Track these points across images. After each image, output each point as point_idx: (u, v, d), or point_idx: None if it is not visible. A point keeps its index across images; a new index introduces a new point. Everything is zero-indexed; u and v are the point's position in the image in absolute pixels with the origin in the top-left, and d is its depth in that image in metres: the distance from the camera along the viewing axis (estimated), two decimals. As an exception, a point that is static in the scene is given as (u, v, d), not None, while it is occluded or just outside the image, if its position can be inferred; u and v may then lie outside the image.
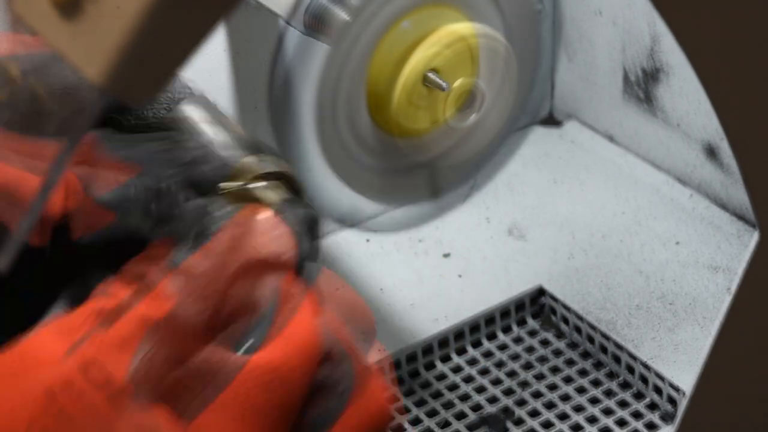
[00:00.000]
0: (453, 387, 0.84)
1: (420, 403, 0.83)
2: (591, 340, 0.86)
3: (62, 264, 0.59)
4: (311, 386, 0.52)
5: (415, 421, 0.82)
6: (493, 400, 0.83)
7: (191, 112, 0.59)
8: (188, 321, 0.51)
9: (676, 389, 0.81)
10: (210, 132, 0.59)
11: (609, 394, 0.83)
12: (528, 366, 0.86)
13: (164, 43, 0.42)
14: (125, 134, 0.58)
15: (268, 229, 0.53)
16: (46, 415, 0.50)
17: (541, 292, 0.89)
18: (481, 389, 0.84)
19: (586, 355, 0.86)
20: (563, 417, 0.82)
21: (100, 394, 0.50)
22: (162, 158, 0.57)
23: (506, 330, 0.89)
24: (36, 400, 0.50)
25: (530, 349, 0.87)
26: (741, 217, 0.92)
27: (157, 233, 0.58)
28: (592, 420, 0.82)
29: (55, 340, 0.53)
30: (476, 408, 0.83)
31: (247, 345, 0.52)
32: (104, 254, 0.58)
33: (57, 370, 0.51)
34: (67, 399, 0.50)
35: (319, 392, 0.52)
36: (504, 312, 0.88)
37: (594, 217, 0.95)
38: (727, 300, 0.60)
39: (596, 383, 0.84)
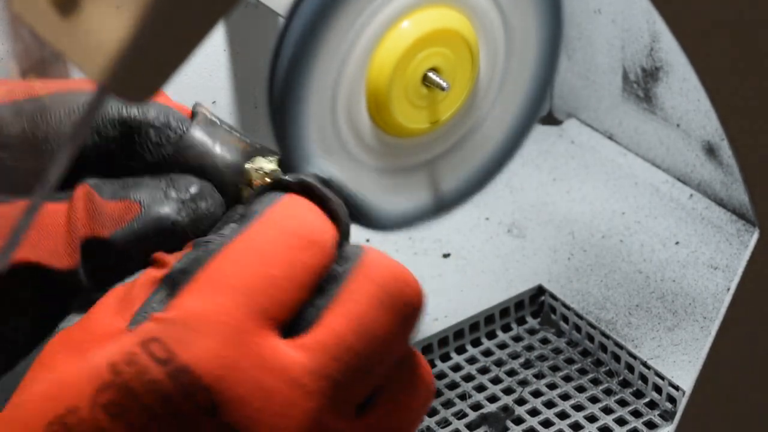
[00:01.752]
0: (453, 386, 0.84)
1: (420, 402, 0.83)
2: (591, 338, 0.86)
3: (103, 268, 0.59)
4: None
5: (415, 420, 0.82)
6: (492, 398, 0.83)
7: (194, 142, 0.59)
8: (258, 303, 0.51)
9: (676, 388, 0.81)
10: (213, 159, 0.59)
11: (609, 392, 0.83)
12: (528, 365, 0.86)
13: (164, 42, 0.42)
14: (121, 179, 0.59)
15: (308, 208, 0.53)
16: (111, 389, 0.49)
17: (540, 291, 0.89)
18: (480, 388, 0.84)
19: (585, 353, 0.86)
20: (563, 416, 0.82)
21: (161, 369, 0.49)
22: (161, 196, 0.58)
23: (506, 329, 0.89)
24: (100, 374, 0.49)
25: (530, 348, 0.87)
26: (741, 217, 0.92)
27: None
28: (591, 419, 0.82)
29: (115, 312, 0.52)
30: (476, 407, 0.83)
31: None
32: (143, 249, 0.58)
33: (119, 344, 0.50)
34: (131, 374, 0.49)
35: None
36: (503, 311, 0.89)
37: (594, 217, 0.95)
38: (726, 299, 0.60)
39: (596, 382, 0.84)
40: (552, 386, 0.84)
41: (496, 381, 0.85)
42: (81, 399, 0.49)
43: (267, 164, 0.58)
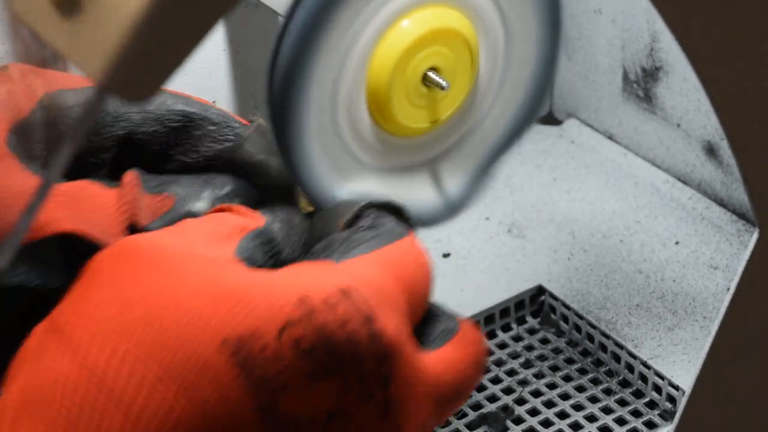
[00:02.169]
0: (453, 386, 0.84)
1: (420, 402, 0.83)
2: (591, 338, 0.86)
3: None
4: None
5: (415, 420, 0.82)
6: (492, 398, 0.83)
7: (252, 142, 0.60)
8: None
9: (676, 388, 0.81)
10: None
11: (608, 392, 0.83)
12: (527, 364, 0.86)
13: (163, 42, 0.42)
14: (165, 175, 0.59)
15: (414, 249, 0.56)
16: (303, 325, 0.47)
17: (540, 290, 0.89)
18: (480, 388, 0.84)
19: (585, 353, 0.86)
20: (563, 415, 0.82)
21: (364, 326, 0.48)
22: (195, 192, 0.58)
23: (506, 328, 0.89)
24: (288, 303, 0.47)
25: (530, 348, 0.87)
26: (741, 217, 0.92)
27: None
28: (591, 418, 0.82)
29: (212, 242, 0.51)
30: (476, 407, 0.83)
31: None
32: None
33: (310, 277, 0.49)
34: (331, 318, 0.47)
35: None
36: (504, 311, 0.89)
37: (594, 216, 0.95)
38: (726, 299, 0.60)
39: (596, 382, 0.84)
40: (552, 386, 0.84)
41: (496, 381, 0.85)
42: (265, 323, 0.47)
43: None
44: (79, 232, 0.56)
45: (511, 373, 0.85)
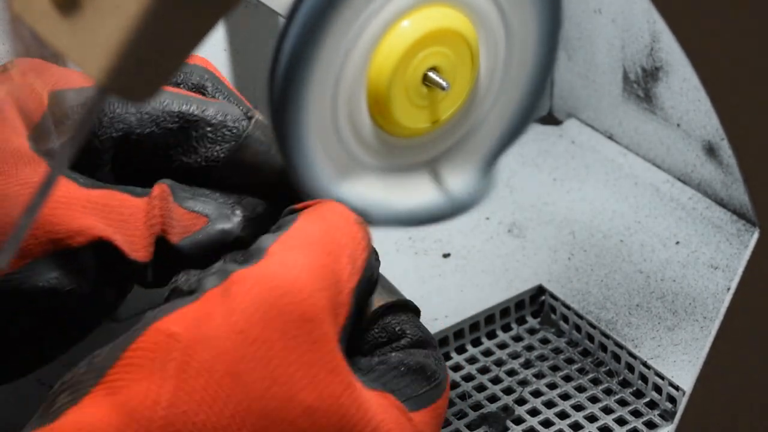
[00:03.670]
0: (452, 385, 0.84)
1: (420, 402, 0.83)
2: (591, 338, 0.86)
3: (165, 268, 0.59)
4: None
5: (415, 420, 0.82)
6: (492, 398, 0.83)
7: (251, 142, 0.60)
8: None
9: (676, 388, 0.81)
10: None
11: (609, 392, 0.83)
12: (528, 364, 0.86)
13: (164, 42, 0.42)
14: (193, 187, 0.60)
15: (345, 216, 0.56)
16: None
17: (540, 290, 0.89)
18: (480, 388, 0.84)
19: (585, 353, 0.86)
20: (563, 415, 0.82)
21: None
22: (228, 213, 0.59)
23: (506, 329, 0.89)
24: None
25: (530, 348, 0.87)
26: (741, 217, 0.92)
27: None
28: (591, 419, 0.82)
29: None
30: (476, 407, 0.83)
31: None
32: (203, 258, 0.59)
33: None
34: None
35: None
36: (504, 311, 0.89)
37: (594, 217, 0.95)
38: (726, 299, 0.60)
39: (596, 382, 0.84)
40: (552, 386, 0.84)
41: (496, 381, 0.85)
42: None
43: None
44: (114, 241, 0.57)
45: (512, 373, 0.85)
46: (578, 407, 0.83)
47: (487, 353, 0.87)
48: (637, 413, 0.82)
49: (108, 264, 0.58)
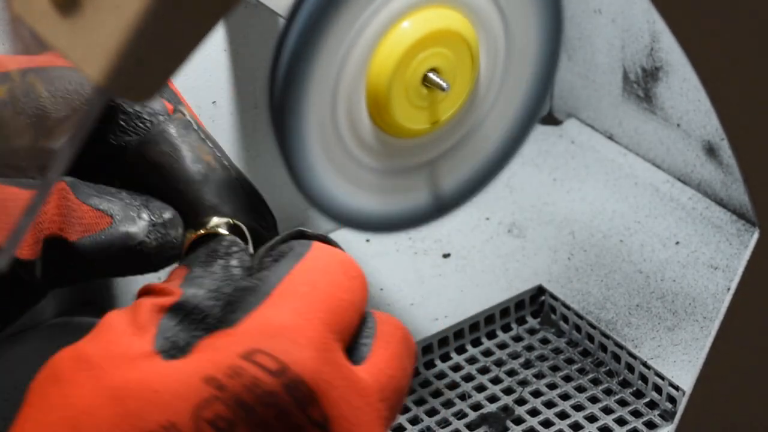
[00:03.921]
0: (452, 386, 0.84)
1: (419, 402, 0.83)
2: (591, 338, 0.86)
3: (60, 267, 0.58)
4: None
5: (415, 420, 0.82)
6: (492, 398, 0.83)
7: (160, 139, 0.59)
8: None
9: (676, 388, 0.81)
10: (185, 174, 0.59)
11: (609, 392, 0.83)
12: (528, 364, 0.86)
13: (163, 42, 0.42)
14: (99, 185, 0.58)
15: (341, 251, 0.56)
16: (216, 403, 0.47)
17: (540, 291, 0.89)
18: (480, 388, 0.84)
19: (585, 353, 0.86)
20: (563, 416, 0.82)
21: (275, 381, 0.48)
22: (134, 215, 0.58)
23: (506, 329, 0.89)
24: (196, 388, 0.47)
25: (530, 348, 0.87)
26: (741, 217, 0.92)
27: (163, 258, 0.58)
28: (591, 419, 0.82)
29: (132, 334, 0.51)
30: (476, 407, 0.83)
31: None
32: (105, 261, 0.57)
33: (207, 359, 0.48)
34: (240, 386, 0.47)
35: None
36: (504, 311, 0.89)
37: (594, 217, 0.95)
38: (726, 299, 0.60)
39: (596, 382, 0.84)
40: (552, 386, 0.84)
41: (496, 381, 0.85)
42: (177, 414, 0.47)
43: (218, 223, 0.58)
44: None
45: (511, 373, 0.85)
46: (578, 407, 0.83)
47: (487, 353, 0.87)
48: (637, 413, 0.82)
49: None
